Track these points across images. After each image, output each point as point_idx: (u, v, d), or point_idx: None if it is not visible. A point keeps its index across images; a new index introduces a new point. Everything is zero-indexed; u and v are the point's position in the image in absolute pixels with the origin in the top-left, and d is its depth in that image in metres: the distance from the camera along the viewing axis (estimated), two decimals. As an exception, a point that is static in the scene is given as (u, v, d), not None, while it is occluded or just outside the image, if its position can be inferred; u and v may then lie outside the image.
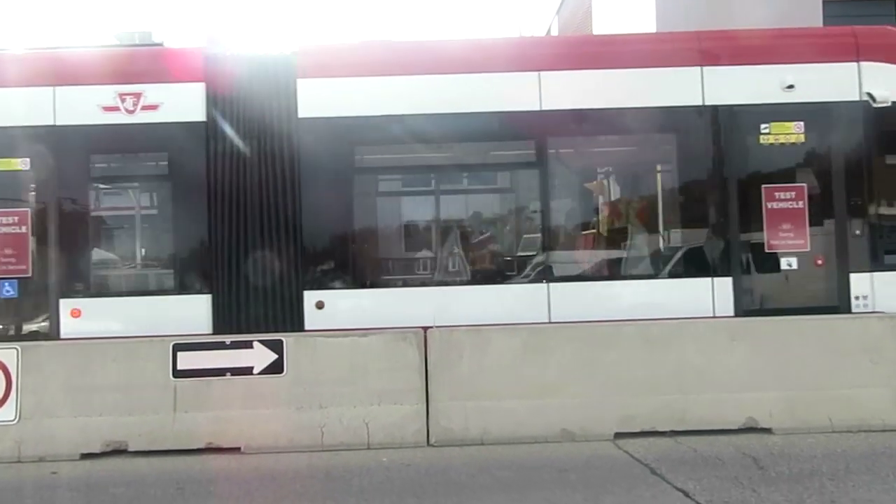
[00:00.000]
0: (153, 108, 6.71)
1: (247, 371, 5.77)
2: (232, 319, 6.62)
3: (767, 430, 5.70)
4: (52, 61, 7.04)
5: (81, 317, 6.56)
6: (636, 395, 5.79)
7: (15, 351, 5.75)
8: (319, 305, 6.66)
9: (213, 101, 6.73)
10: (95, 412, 5.68)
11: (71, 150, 6.72)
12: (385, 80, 6.88)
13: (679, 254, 7.15)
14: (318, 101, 6.76)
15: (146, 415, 5.69)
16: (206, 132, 6.71)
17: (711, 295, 6.72)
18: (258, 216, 6.67)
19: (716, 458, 5.19)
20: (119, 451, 5.63)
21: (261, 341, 5.86)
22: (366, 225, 7.23)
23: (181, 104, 6.74)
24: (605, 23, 14.23)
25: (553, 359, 5.88)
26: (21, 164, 6.74)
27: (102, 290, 6.90)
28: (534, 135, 6.97)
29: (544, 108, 6.84)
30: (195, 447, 5.63)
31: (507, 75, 6.91)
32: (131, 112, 6.70)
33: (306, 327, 6.56)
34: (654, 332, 6.04)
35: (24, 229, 6.65)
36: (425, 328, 5.98)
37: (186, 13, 45.22)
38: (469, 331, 6.08)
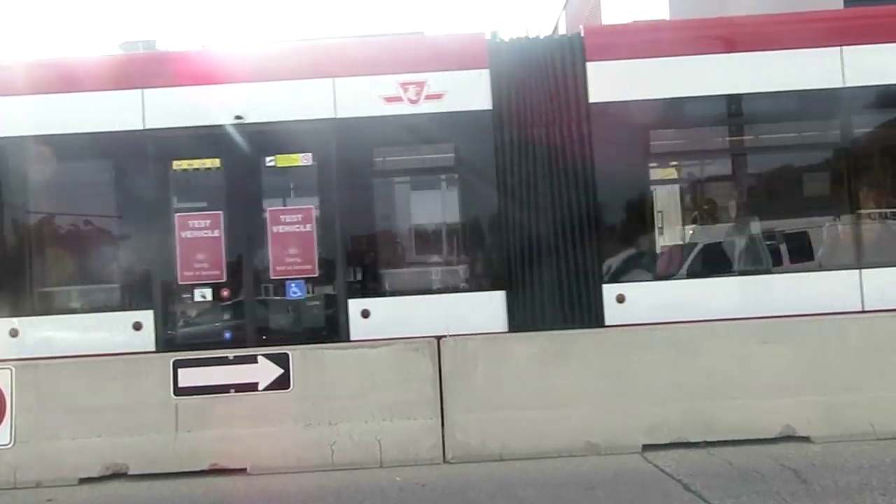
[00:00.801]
0: (437, 97, 6.47)
1: (251, 387, 5.48)
2: (527, 316, 6.28)
3: (806, 439, 5.35)
4: (330, 52, 6.93)
5: (370, 317, 6.31)
6: (664, 403, 5.46)
7: (9, 371, 5.50)
8: (620, 299, 6.29)
9: (498, 88, 6.43)
10: (94, 433, 5.42)
11: (353, 143, 6.47)
12: (679, 59, 6.47)
13: None
14: (609, 84, 6.39)
15: (147, 435, 5.42)
16: (493, 121, 6.43)
17: None
18: (550, 207, 6.36)
19: (753, 471, 4.83)
20: (119, 475, 5.36)
21: (265, 355, 5.57)
22: (668, 213, 6.83)
23: (466, 93, 6.46)
24: (615, 18, 13.90)
25: (574, 366, 5.55)
26: (303, 159, 6.53)
27: (391, 290, 6.61)
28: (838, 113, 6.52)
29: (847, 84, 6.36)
30: (199, 468, 5.35)
31: (801, 52, 6.39)
32: (414, 102, 6.47)
33: (606, 322, 6.22)
34: (681, 336, 5.69)
35: (308, 227, 6.44)
36: (438, 337, 5.67)
37: (184, 18, 45.11)
38: (485, 339, 5.77)
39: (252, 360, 5.57)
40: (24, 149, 6.38)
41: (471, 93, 6.42)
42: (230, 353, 5.69)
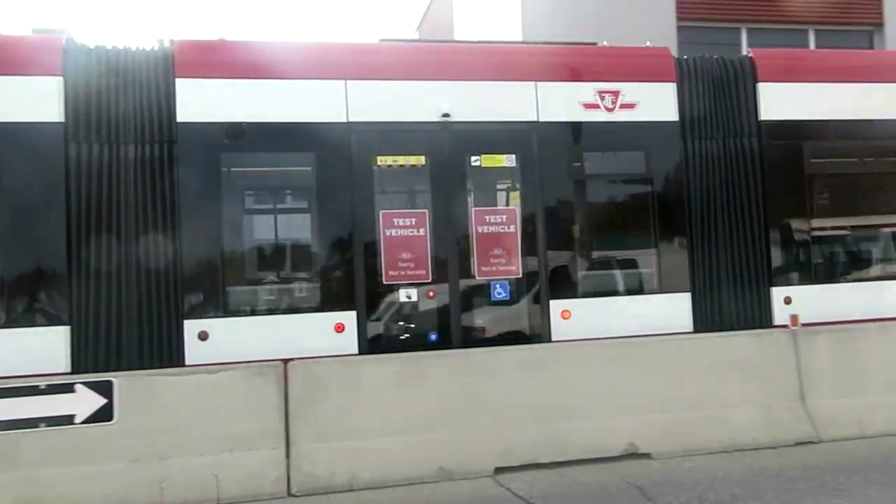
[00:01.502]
0: (630, 106, 6.75)
1: (66, 420, 4.81)
2: (706, 317, 6.63)
3: (647, 456, 5.52)
4: (533, 56, 7.08)
5: (570, 318, 6.39)
6: (517, 426, 5.44)
7: None
8: (787, 301, 6.75)
9: (684, 101, 6.84)
10: None
11: (554, 146, 6.61)
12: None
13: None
14: (778, 103, 6.97)
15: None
16: (681, 131, 6.79)
17: None
18: (728, 214, 6.82)
19: (601, 489, 4.91)
20: None
21: (85, 383, 4.92)
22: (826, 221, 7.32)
23: (656, 103, 6.79)
24: (467, 35, 14.09)
25: (430, 390, 5.40)
26: (507, 160, 6.62)
27: (589, 291, 6.67)
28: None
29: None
30: (-1, 517, 4.61)
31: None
32: (610, 110, 6.72)
33: (774, 323, 6.69)
34: (533, 357, 5.72)
35: (512, 228, 6.53)
36: (286, 361, 5.30)
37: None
38: (336, 362, 5.47)
39: (68, 388, 4.90)
40: (230, 136, 6.08)
41: (660, 104, 6.82)
42: (42, 382, 4.97)
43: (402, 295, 6.27)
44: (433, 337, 6.28)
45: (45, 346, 5.52)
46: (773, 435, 5.73)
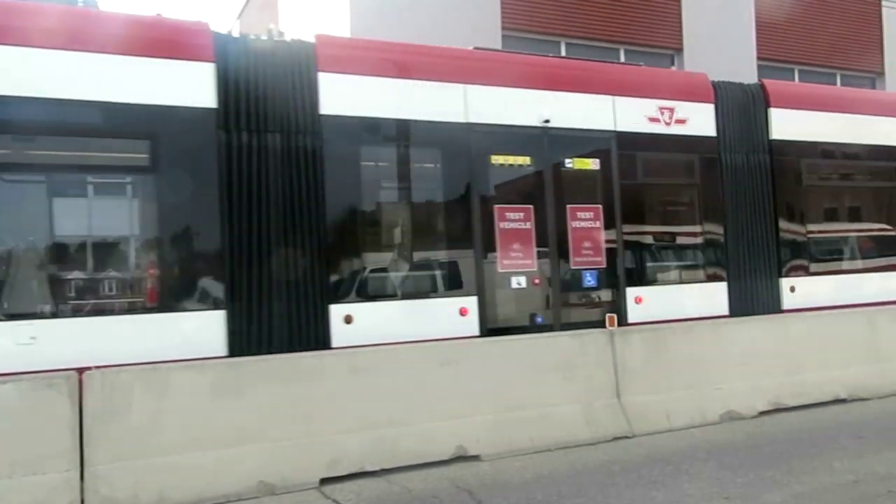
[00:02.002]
0: (682, 121, 7.94)
1: None
2: (738, 303, 7.85)
3: (476, 458, 5.47)
4: (611, 74, 8.17)
5: (642, 303, 7.41)
6: (345, 433, 5.17)
7: None
8: (792, 289, 8.18)
9: (720, 119, 8.14)
10: None
11: (627, 152, 7.69)
12: None
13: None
14: (787, 125, 8.47)
15: None
16: (718, 145, 8.07)
17: None
18: (752, 216, 8.18)
19: (432, 496, 4.77)
20: None
21: None
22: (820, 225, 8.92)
23: (701, 120, 8.04)
24: (295, 30, 13.56)
25: (250, 398, 4.98)
26: (592, 164, 7.51)
27: (656, 280, 7.91)
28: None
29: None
30: None
31: None
32: (668, 124, 7.85)
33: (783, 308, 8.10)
34: (361, 361, 5.47)
35: (597, 224, 7.44)
36: (80, 370, 4.65)
37: None
38: (142, 370, 4.89)
39: None
40: (368, 130, 6.53)
41: (704, 121, 8.02)
42: None
43: (514, 282, 6.99)
44: (539, 319, 7.09)
45: (204, 330, 5.69)
46: (593, 431, 5.93)
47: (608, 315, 6.78)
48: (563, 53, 12.16)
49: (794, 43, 14.72)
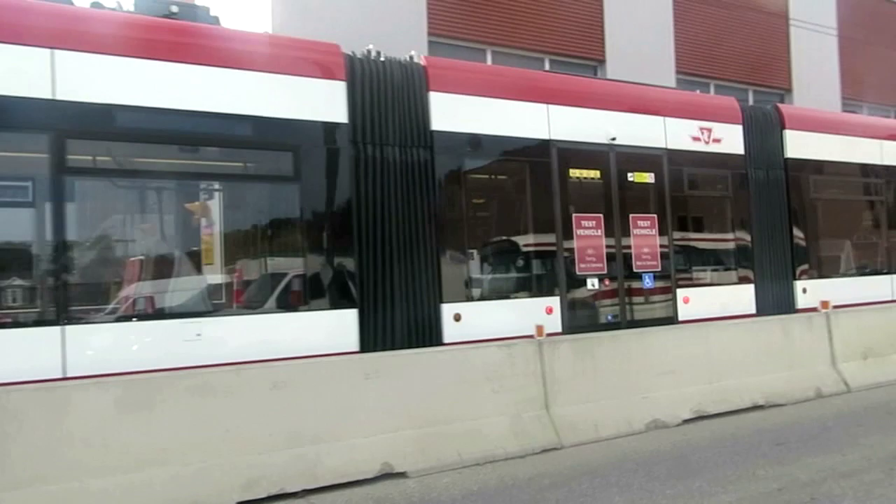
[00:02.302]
0: (718, 141, 8.86)
1: None
2: (763, 303, 8.91)
3: (403, 475, 5.26)
4: (662, 97, 8.97)
5: (689, 303, 8.31)
6: (264, 452, 4.87)
7: None
8: (804, 290, 9.31)
9: (747, 139, 9.11)
10: None
11: (676, 168, 8.54)
12: None
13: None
14: (800, 145, 9.63)
15: None
16: (745, 162, 9.08)
17: None
18: (773, 225, 9.25)
19: (356, 517, 4.55)
20: None
21: None
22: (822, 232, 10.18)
23: (732, 140, 8.99)
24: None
25: (161, 417, 4.63)
26: (649, 177, 8.32)
27: (699, 282, 8.83)
28: None
29: None
30: None
31: None
32: (707, 142, 8.78)
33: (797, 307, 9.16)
34: (282, 375, 5.17)
35: (653, 231, 8.27)
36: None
37: None
38: (37, 389, 4.47)
39: None
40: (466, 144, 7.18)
41: (735, 140, 9.00)
42: None
43: (589, 283, 7.73)
44: (609, 318, 7.82)
45: (340, 327, 6.21)
46: (522, 444, 5.81)
47: (537, 326, 6.68)
48: (490, 61, 12.13)
49: (710, 58, 15.21)
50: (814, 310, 8.58)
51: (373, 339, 6.34)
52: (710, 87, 15.02)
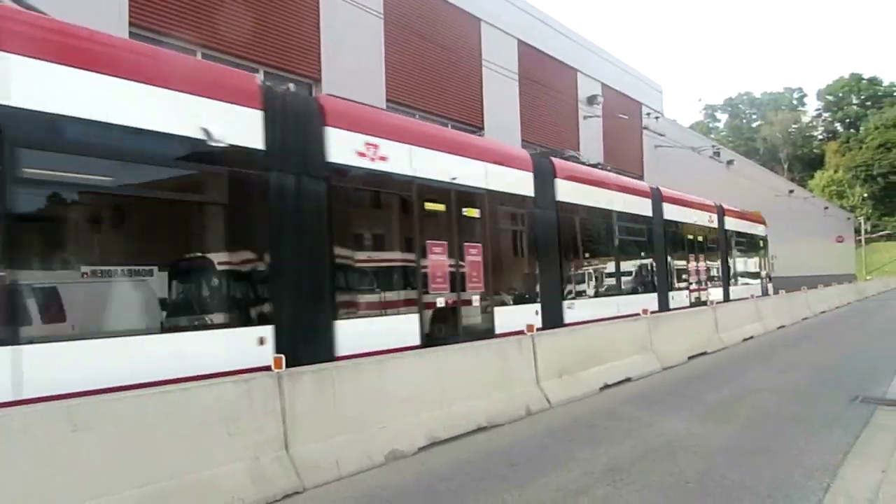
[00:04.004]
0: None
1: None
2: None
3: (121, 546, 4.31)
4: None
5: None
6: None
7: None
8: None
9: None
10: None
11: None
12: None
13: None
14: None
15: None
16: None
17: None
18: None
19: None
20: None
21: None
22: None
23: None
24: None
25: None
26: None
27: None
28: None
29: None
30: None
31: None
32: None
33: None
34: None
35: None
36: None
37: None
38: None
39: None
40: None
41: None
42: None
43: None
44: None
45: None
46: (262, 491, 5.17)
47: (275, 357, 6.03)
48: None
49: (416, 90, 15.90)
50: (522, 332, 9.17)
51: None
52: (416, 116, 15.71)
